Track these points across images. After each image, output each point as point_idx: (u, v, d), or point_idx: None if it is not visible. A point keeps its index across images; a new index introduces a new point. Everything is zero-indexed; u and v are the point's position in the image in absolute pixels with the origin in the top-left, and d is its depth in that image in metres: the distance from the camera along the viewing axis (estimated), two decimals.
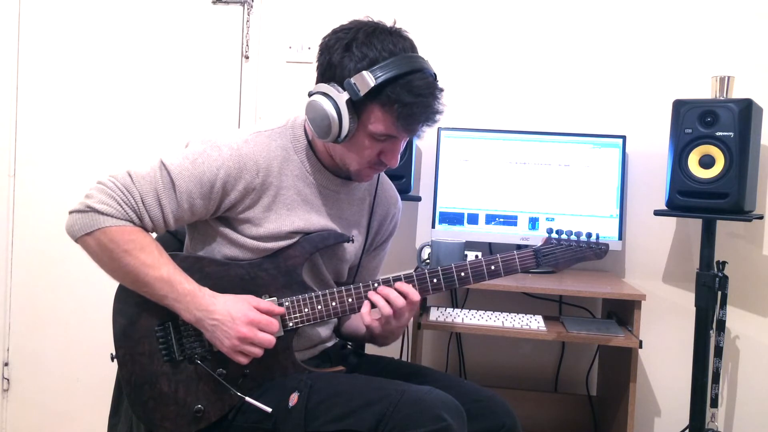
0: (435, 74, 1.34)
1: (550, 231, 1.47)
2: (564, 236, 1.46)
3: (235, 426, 1.36)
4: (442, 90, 1.32)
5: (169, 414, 1.34)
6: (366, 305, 1.39)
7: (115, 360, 1.37)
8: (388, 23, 1.36)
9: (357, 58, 1.29)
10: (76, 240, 1.32)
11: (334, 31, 1.36)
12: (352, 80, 1.28)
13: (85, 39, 2.53)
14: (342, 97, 1.29)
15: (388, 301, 1.37)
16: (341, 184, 1.47)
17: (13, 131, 2.55)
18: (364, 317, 1.38)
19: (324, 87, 1.32)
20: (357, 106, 1.30)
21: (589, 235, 1.47)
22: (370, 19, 1.35)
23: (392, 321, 1.38)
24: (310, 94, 1.35)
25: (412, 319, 1.57)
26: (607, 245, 1.49)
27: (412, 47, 1.34)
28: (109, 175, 1.33)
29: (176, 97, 2.51)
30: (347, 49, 1.31)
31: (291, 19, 2.46)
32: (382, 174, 1.57)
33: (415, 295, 1.38)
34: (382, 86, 1.27)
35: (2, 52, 2.53)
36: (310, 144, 1.44)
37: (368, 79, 1.27)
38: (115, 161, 2.51)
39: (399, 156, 1.39)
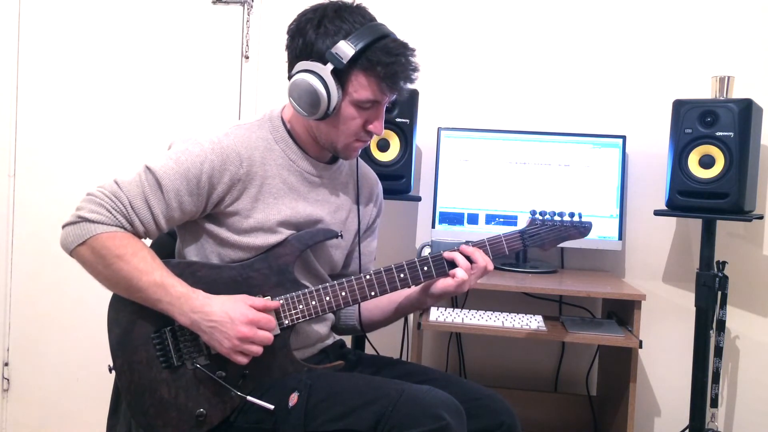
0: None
1: (534, 212, 1.49)
2: (548, 217, 1.48)
3: (235, 427, 1.36)
4: (414, 49, 1.38)
5: (171, 420, 1.34)
6: (460, 261, 1.42)
7: (113, 371, 1.36)
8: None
9: (332, 32, 1.34)
10: (71, 252, 1.34)
11: (300, 15, 1.41)
12: (333, 51, 1.32)
13: (85, 39, 2.53)
14: (326, 69, 1.33)
15: (469, 260, 1.42)
16: (324, 169, 1.49)
17: (13, 131, 2.55)
18: (460, 273, 1.41)
19: (305, 64, 1.36)
20: (340, 76, 1.34)
21: (572, 214, 1.49)
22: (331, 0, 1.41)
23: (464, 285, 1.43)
24: (291, 76, 1.38)
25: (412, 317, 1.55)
26: (590, 223, 1.50)
27: (374, 18, 1.40)
28: (97, 186, 1.34)
29: (176, 97, 2.51)
30: (320, 26, 1.36)
31: (291, 19, 2.45)
32: (359, 158, 1.58)
33: (491, 264, 1.44)
34: (362, 52, 1.32)
35: (2, 52, 2.53)
36: (290, 133, 1.46)
37: (348, 48, 1.32)
38: (115, 161, 2.51)
39: (383, 123, 1.43)
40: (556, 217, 1.48)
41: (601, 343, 1.95)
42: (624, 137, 2.22)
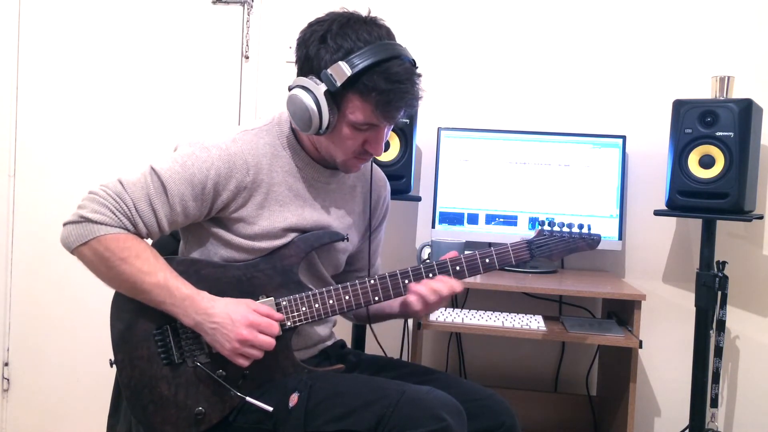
0: (413, 60, 1.35)
1: (542, 223, 1.48)
2: (556, 228, 1.47)
3: (235, 426, 1.36)
4: (420, 75, 1.33)
5: (170, 417, 1.34)
6: (411, 296, 1.42)
7: (114, 366, 1.36)
8: (363, 13, 1.37)
9: (332, 50, 1.30)
10: (72, 251, 1.32)
11: (310, 25, 1.37)
12: (329, 71, 1.29)
13: (85, 39, 2.53)
14: (320, 88, 1.30)
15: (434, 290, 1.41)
16: (331, 175, 1.48)
17: (13, 131, 2.55)
18: (414, 305, 1.41)
19: (302, 80, 1.33)
20: (335, 96, 1.31)
21: (581, 226, 1.48)
22: (345, 10, 1.37)
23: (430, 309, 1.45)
24: (290, 88, 1.36)
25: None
26: (598, 236, 1.49)
27: (389, 34, 1.35)
28: (100, 184, 1.33)
29: (176, 97, 2.51)
30: (323, 41, 1.32)
31: (291, 19, 2.46)
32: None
33: (458, 286, 1.43)
34: (359, 75, 1.28)
35: (2, 52, 2.53)
36: (297, 138, 1.45)
37: (344, 69, 1.28)
38: (115, 161, 2.51)
39: (383, 144, 1.41)
40: (565, 229, 1.47)
41: (601, 343, 1.95)
42: (624, 137, 2.22)
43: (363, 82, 1.29)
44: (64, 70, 2.54)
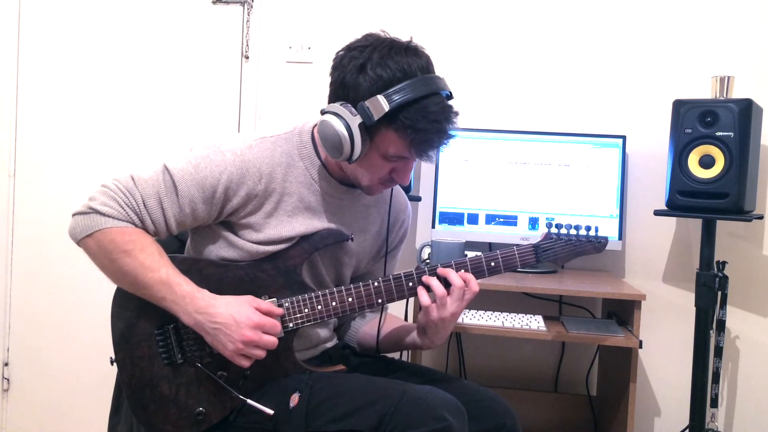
0: (450, 93, 1.32)
1: (549, 225, 1.46)
2: (563, 230, 1.45)
3: (235, 427, 1.36)
4: (457, 113, 1.31)
5: (171, 417, 1.34)
6: (421, 289, 1.38)
7: (115, 364, 1.36)
8: (404, 38, 1.33)
9: (371, 80, 1.26)
10: (78, 242, 1.32)
11: (349, 48, 1.32)
12: (366, 104, 1.25)
13: (85, 39, 2.53)
14: (355, 120, 1.27)
15: (446, 282, 1.36)
16: (346, 191, 1.46)
17: (13, 131, 2.55)
18: (423, 298, 1.37)
19: (337, 108, 1.29)
20: (370, 129, 1.28)
21: (588, 228, 1.45)
22: (386, 35, 1.32)
23: (442, 309, 1.37)
24: (323, 113, 1.32)
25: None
26: (606, 239, 1.47)
27: (428, 64, 1.31)
28: (112, 178, 1.33)
29: (176, 97, 2.51)
30: (361, 70, 1.28)
31: (291, 19, 2.46)
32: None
33: (473, 282, 1.38)
34: (397, 111, 1.25)
35: (2, 52, 2.53)
36: (317, 152, 1.43)
37: (382, 104, 1.24)
38: (115, 161, 2.51)
39: (410, 174, 1.39)
40: (572, 231, 1.44)
41: (601, 343, 1.95)
42: (624, 137, 2.22)
43: (400, 119, 1.25)
44: (64, 70, 2.54)
